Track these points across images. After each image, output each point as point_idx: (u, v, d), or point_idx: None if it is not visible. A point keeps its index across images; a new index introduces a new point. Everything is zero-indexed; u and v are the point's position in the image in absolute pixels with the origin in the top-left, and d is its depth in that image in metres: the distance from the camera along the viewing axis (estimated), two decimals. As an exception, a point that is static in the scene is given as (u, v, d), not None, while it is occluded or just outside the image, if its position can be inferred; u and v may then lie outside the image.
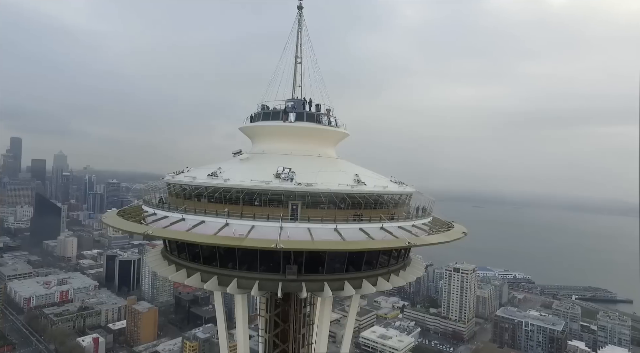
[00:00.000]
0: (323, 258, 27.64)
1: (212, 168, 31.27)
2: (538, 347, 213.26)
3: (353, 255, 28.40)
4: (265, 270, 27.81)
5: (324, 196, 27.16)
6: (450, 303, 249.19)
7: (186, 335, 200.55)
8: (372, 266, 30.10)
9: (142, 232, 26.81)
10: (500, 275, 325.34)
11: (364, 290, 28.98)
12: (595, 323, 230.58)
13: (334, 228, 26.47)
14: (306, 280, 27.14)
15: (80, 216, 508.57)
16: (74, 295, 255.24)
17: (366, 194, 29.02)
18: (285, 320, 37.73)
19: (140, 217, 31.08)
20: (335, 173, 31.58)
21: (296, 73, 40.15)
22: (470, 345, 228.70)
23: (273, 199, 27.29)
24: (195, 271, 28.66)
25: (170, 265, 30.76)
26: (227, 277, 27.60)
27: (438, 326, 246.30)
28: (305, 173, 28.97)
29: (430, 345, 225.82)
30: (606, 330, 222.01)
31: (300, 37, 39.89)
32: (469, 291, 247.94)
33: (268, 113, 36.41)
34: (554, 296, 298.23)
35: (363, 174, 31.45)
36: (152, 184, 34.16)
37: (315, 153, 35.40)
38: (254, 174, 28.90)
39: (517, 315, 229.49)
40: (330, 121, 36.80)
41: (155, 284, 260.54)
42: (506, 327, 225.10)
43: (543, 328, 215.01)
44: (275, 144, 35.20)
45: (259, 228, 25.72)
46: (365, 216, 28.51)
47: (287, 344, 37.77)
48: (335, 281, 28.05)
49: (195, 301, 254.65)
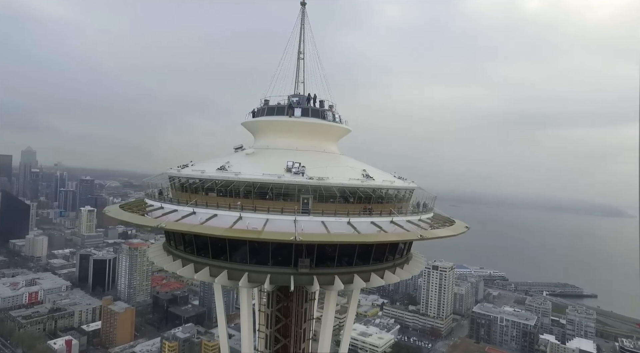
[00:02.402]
0: (334, 252, 27.88)
1: (218, 162, 30.95)
2: (512, 342, 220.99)
3: (362, 249, 28.76)
4: (275, 264, 27.81)
5: (338, 190, 27.41)
6: (429, 301, 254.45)
7: (165, 335, 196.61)
8: (380, 260, 30.57)
9: (155, 225, 26.26)
10: (477, 273, 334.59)
11: (373, 283, 29.45)
12: (564, 317, 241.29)
13: (347, 221, 26.78)
14: (317, 274, 27.30)
15: (51, 214, 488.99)
16: (44, 296, 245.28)
17: (375, 188, 29.49)
18: (286, 316, 37.81)
19: (146, 211, 30.38)
20: (343, 168, 31.94)
21: (299, 69, 40.21)
22: (448, 341, 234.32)
23: (285, 193, 27.34)
24: (204, 265, 28.29)
25: (176, 259, 30.24)
26: (238, 271, 27.40)
27: (417, 323, 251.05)
28: (313, 168, 29.12)
29: (409, 342, 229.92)
30: (574, 324, 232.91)
31: (303, 33, 39.94)
32: (447, 288, 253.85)
33: (272, 108, 36.28)
34: (526, 293, 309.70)
35: (369, 170, 31.97)
36: (155, 179, 33.48)
37: (320, 148, 35.57)
38: (263, 168, 28.80)
39: (492, 311, 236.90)
40: (335, 116, 37.04)
41: (132, 284, 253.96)
42: (482, 323, 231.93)
43: (517, 323, 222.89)
44: (281, 139, 35.13)
45: (273, 221, 25.70)
46: (375, 210, 28.97)
47: (288, 339, 37.88)
48: (346, 275, 28.36)
49: (174, 300, 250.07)
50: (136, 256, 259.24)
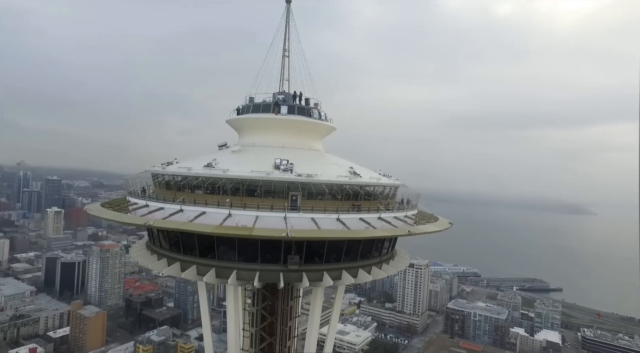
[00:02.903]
0: (323, 249, 28.06)
1: (204, 159, 30.56)
2: (485, 336, 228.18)
3: (350, 245, 29.09)
4: (264, 261, 27.70)
5: (327, 186, 27.62)
6: (405, 298, 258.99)
7: (139, 338, 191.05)
8: (367, 256, 31.01)
9: (142, 223, 25.56)
10: (451, 270, 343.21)
11: (360, 279, 29.82)
12: (532, 310, 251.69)
13: (336, 218, 27.03)
14: (307, 270, 27.40)
15: (13, 216, 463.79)
16: (5, 302, 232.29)
17: (363, 185, 29.90)
18: (272, 314, 37.68)
19: (129, 209, 29.55)
20: (330, 166, 32.17)
21: (284, 66, 40.16)
22: (423, 337, 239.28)
23: (274, 190, 27.30)
24: (191, 264, 27.81)
25: (160, 258, 29.58)
26: (226, 269, 27.11)
27: (393, 320, 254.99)
28: (301, 165, 29.24)
29: (386, 339, 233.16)
30: (542, 317, 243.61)
31: (288, 31, 39.92)
32: (423, 285, 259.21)
33: (258, 105, 36.09)
34: (497, 288, 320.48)
35: (356, 167, 32.36)
36: (137, 176, 32.60)
37: (306, 145, 35.71)
38: (250, 165, 28.66)
39: (466, 307, 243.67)
40: (320, 114, 37.24)
41: (104, 287, 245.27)
42: (456, 318, 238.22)
43: (489, 317, 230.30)
44: (267, 136, 35.00)
45: (263, 218, 25.62)
46: (362, 207, 29.37)
47: (274, 337, 37.75)
48: (334, 271, 28.59)
49: (147, 303, 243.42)
50: (108, 258, 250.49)
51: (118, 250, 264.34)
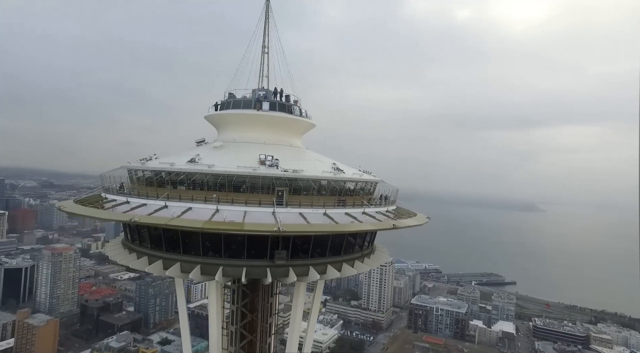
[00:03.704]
0: (309, 244, 28.35)
1: (185, 155, 29.97)
2: (446, 329, 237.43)
3: (335, 240, 29.58)
4: (250, 257, 27.57)
5: (314, 182, 27.94)
6: (370, 295, 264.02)
7: (97, 346, 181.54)
8: (350, 250, 31.66)
9: (127, 220, 24.55)
10: (413, 267, 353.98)
11: (345, 273, 30.38)
12: (490, 303, 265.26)
13: (323, 212, 27.42)
14: (293, 265, 27.59)
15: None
16: None
17: (347, 181, 30.51)
18: (252, 311, 37.53)
19: (104, 207, 28.29)
20: (313, 162, 32.58)
21: (263, 63, 40.00)
22: (388, 332, 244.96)
23: (261, 186, 27.26)
24: (174, 261, 27.13)
25: (141, 257, 28.58)
26: (211, 266, 26.72)
27: (359, 317, 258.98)
28: (284, 161, 29.41)
29: (352, 336, 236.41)
30: (498, 309, 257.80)
31: (268, 28, 39.82)
32: (387, 283, 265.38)
33: (239, 101, 35.74)
34: (457, 283, 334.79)
35: (338, 163, 32.97)
36: (112, 172, 31.32)
37: (287, 142, 35.82)
38: (235, 161, 28.43)
39: (428, 302, 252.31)
40: (301, 111, 37.46)
41: (55, 293, 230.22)
42: (420, 314, 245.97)
43: (450, 311, 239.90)
44: (248, 132, 34.76)
45: (251, 214, 25.52)
46: (348, 202, 29.98)
47: (254, 334, 37.59)
48: (320, 265, 28.94)
49: (105, 308, 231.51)
50: (60, 262, 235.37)
51: (72, 253, 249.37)
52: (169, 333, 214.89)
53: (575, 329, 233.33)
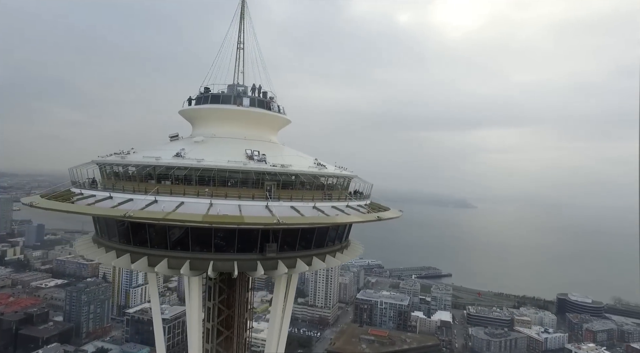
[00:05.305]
0: (297, 237, 29.19)
1: (167, 150, 29.28)
2: (390, 321, 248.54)
3: (320, 233, 30.74)
4: (240, 250, 27.75)
5: (302, 176, 28.81)
6: (317, 292, 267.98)
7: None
8: (330, 243, 32.99)
9: (120, 215, 23.39)
10: (357, 263, 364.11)
11: (328, 264, 31.69)
12: (429, 295, 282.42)
13: (312, 206, 28.42)
14: (282, 258, 28.28)
15: None
16: None
17: (330, 176, 31.80)
18: (229, 307, 37.46)
19: (86, 203, 26.67)
20: (297, 157, 33.41)
21: (238, 59, 39.88)
22: (335, 328, 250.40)
23: (251, 180, 27.56)
24: (161, 258, 26.45)
25: (122, 255, 27.39)
26: (201, 261, 26.50)
27: (306, 314, 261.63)
28: (269, 156, 29.99)
29: (299, 333, 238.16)
30: (437, 300, 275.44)
31: (244, 24, 39.80)
32: (333, 279, 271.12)
33: (217, 96, 35.38)
34: (399, 277, 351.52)
35: (319, 159, 34.15)
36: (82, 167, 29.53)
37: (266, 138, 36.23)
38: (222, 156, 28.44)
39: (373, 296, 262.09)
40: (279, 107, 38.00)
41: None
42: (365, 308, 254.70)
43: (393, 304, 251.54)
44: (227, 128, 34.58)
45: (246, 207, 25.75)
46: (333, 196, 31.28)
47: (231, 330, 37.57)
48: (306, 257, 29.94)
49: (27, 320, 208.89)
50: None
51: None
52: (105, 342, 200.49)
53: (502, 314, 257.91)
